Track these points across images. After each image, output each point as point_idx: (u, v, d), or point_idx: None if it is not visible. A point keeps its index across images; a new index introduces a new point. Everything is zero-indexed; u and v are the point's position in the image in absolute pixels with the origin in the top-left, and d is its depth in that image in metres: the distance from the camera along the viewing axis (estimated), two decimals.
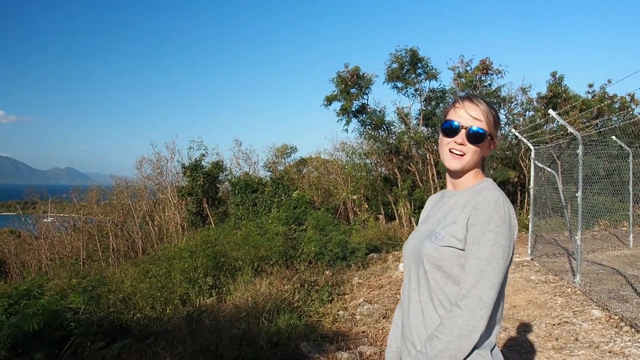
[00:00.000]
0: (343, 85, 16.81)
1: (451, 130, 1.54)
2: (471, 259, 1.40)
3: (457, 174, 1.60)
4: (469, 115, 1.52)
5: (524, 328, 5.14)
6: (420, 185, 17.01)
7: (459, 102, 1.56)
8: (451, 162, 1.56)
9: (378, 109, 17.59)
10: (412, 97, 17.47)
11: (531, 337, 4.90)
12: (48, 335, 3.97)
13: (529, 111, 17.11)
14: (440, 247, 1.47)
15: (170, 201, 21.11)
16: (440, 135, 1.59)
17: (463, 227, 1.45)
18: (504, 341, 4.82)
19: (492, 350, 1.47)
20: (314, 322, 5.90)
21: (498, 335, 1.53)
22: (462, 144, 1.52)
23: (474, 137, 1.51)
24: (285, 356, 4.51)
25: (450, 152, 1.55)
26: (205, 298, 7.82)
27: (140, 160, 22.33)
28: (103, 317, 5.20)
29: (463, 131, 1.52)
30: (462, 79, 16.39)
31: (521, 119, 16.89)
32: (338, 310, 6.37)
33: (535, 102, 16.84)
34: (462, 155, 1.53)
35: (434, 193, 1.80)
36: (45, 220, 23.73)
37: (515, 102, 17.20)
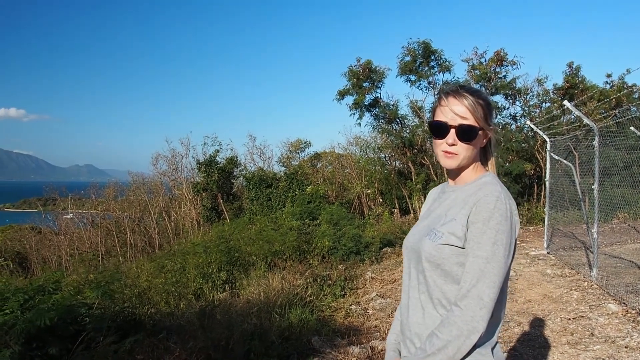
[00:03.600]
0: (355, 79, 16.67)
1: (440, 131, 1.50)
2: (471, 258, 1.37)
3: (455, 172, 1.57)
4: (454, 114, 1.47)
5: (539, 323, 5.07)
6: (435, 178, 16.85)
7: (443, 99, 1.51)
8: (446, 162, 1.52)
9: (391, 103, 17.42)
10: (426, 90, 17.21)
11: (545, 331, 4.83)
12: (62, 330, 4.04)
13: (545, 103, 16.84)
14: (440, 245, 1.43)
15: (185, 197, 21.27)
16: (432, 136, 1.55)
17: (463, 225, 1.42)
18: (518, 336, 4.76)
19: (493, 348, 1.44)
20: (326, 317, 5.89)
21: (499, 333, 1.50)
22: (453, 144, 1.48)
23: (464, 136, 1.47)
24: (296, 351, 4.51)
25: (444, 152, 1.51)
26: (218, 293, 7.88)
27: (156, 156, 22.50)
28: (117, 312, 5.26)
29: (452, 131, 1.47)
30: (477, 71, 16.16)
31: (537, 110, 16.62)
32: (350, 305, 6.36)
33: (551, 94, 16.54)
34: (456, 154, 1.50)
35: None
36: (65, 216, 24.10)
37: (531, 94, 16.97)
